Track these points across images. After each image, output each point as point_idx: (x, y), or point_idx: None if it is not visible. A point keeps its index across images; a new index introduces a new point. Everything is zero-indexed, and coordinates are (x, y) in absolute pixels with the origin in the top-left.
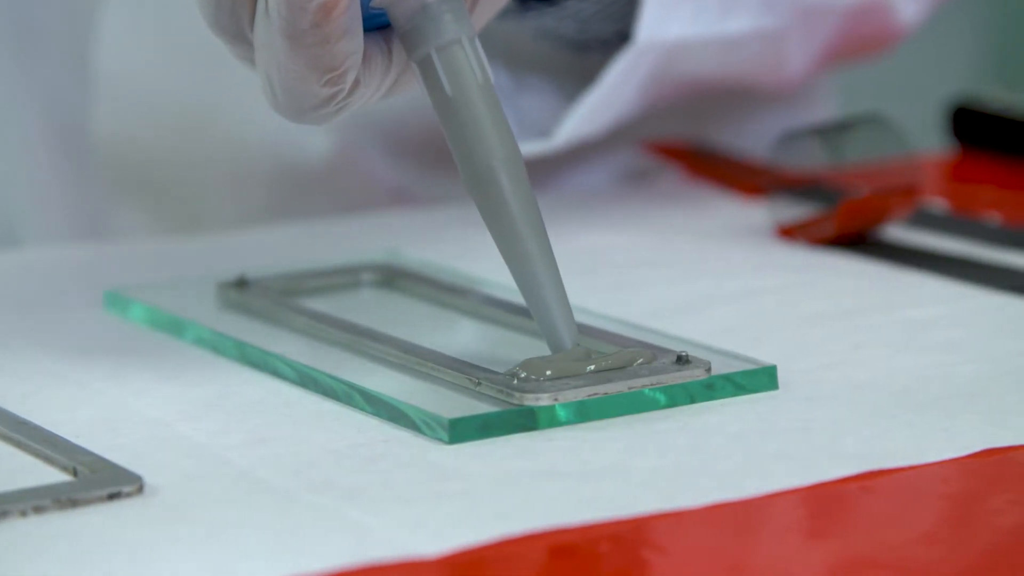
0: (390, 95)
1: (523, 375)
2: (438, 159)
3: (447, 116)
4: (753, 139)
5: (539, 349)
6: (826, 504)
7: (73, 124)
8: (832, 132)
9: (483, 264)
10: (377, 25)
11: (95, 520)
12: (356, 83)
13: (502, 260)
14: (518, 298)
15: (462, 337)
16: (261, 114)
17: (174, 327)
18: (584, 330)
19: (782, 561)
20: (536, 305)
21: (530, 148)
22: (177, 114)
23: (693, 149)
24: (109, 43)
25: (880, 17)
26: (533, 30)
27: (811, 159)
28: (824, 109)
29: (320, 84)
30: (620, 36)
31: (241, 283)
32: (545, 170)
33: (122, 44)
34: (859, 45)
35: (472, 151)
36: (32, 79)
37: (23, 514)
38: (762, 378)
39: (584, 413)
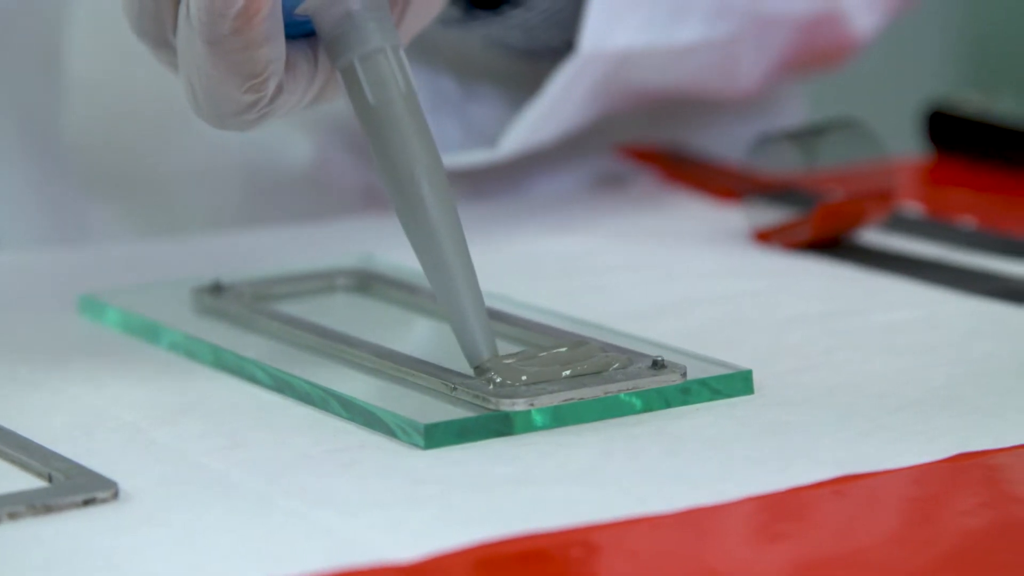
0: (316, 103)
1: (499, 380)
2: None
3: (370, 125)
4: (728, 143)
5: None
6: (799, 508)
7: (45, 127)
8: (807, 136)
9: None
10: (303, 32)
11: (70, 526)
12: (279, 90)
13: (478, 264)
14: (489, 301)
15: (437, 342)
16: None
17: (149, 332)
18: (557, 333)
19: (755, 565)
20: (454, 316)
21: (476, 157)
22: (150, 117)
23: (668, 153)
24: (79, 45)
25: (835, 28)
26: (481, 39)
27: (786, 163)
28: (798, 113)
29: (241, 90)
30: (569, 45)
31: (216, 288)
32: (520, 174)
33: (92, 46)
34: (815, 56)
35: (394, 160)
36: (2, 84)
37: None
38: (738, 382)
39: (560, 418)
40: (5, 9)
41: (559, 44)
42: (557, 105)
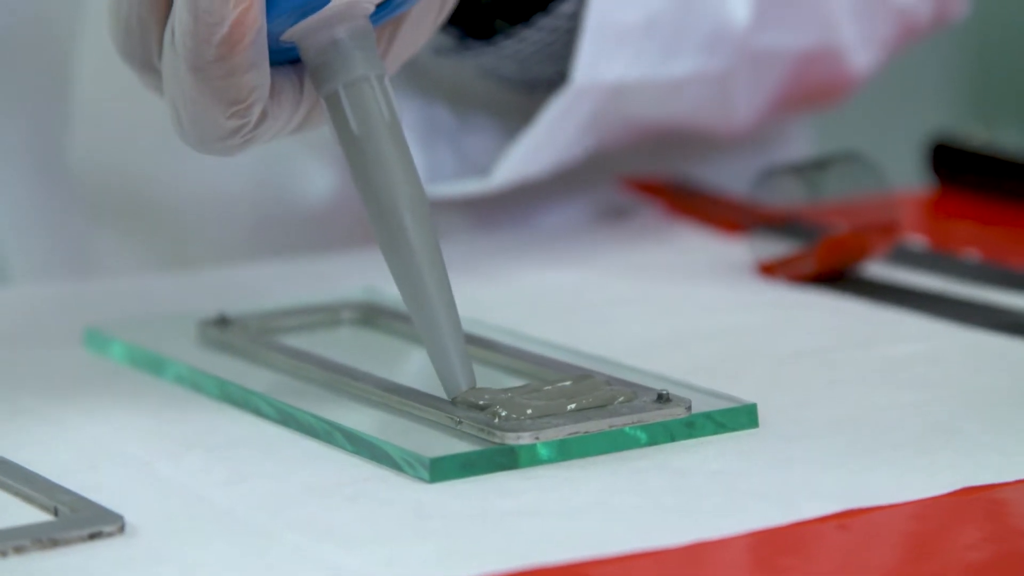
0: (302, 129)
1: (504, 414)
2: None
3: (353, 153)
4: (733, 176)
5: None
6: (803, 542)
7: (52, 153)
8: (811, 169)
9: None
10: (289, 58)
11: (76, 560)
12: (263, 116)
13: (479, 297)
14: (494, 335)
15: None
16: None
17: (154, 365)
18: (561, 367)
19: None
20: (433, 346)
21: (468, 187)
22: (159, 144)
23: (672, 186)
24: (89, 71)
25: (831, 65)
26: (476, 69)
27: (790, 196)
28: (803, 146)
29: (226, 116)
30: (563, 76)
31: (221, 321)
32: (524, 206)
33: (102, 72)
34: (812, 92)
35: (376, 189)
36: (10, 108)
37: (3, 554)
38: (742, 416)
39: (565, 452)
40: (15, 35)
41: (553, 76)
42: (550, 136)
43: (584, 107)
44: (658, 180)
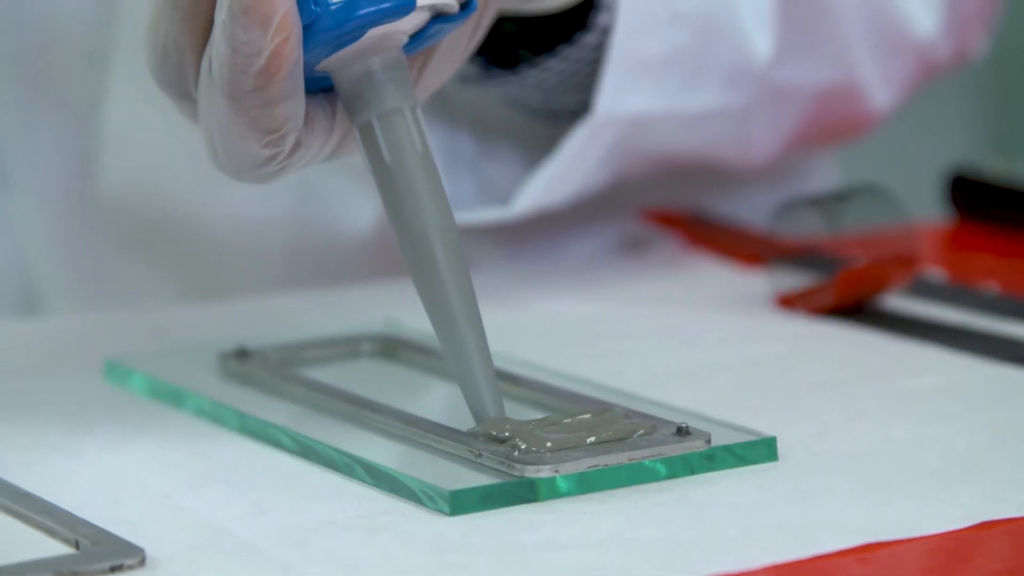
0: (334, 157)
1: (523, 446)
2: None
3: (385, 183)
4: (752, 208)
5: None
6: None
7: (83, 182)
8: (830, 202)
9: None
10: (322, 87)
11: None
12: (297, 144)
13: (499, 329)
14: (514, 367)
15: (462, 408)
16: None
17: (174, 397)
18: (581, 400)
19: None
20: (462, 374)
21: (489, 215)
22: (189, 173)
23: (692, 218)
24: (119, 99)
25: (851, 101)
26: (499, 98)
27: (810, 229)
28: (825, 179)
29: (260, 145)
30: (585, 107)
31: (241, 353)
32: (544, 237)
33: (133, 99)
34: (830, 128)
35: (407, 219)
36: (41, 136)
37: None
38: (762, 449)
39: (585, 484)
40: (46, 64)
41: (575, 106)
42: (571, 166)
43: (605, 138)
44: (677, 212)
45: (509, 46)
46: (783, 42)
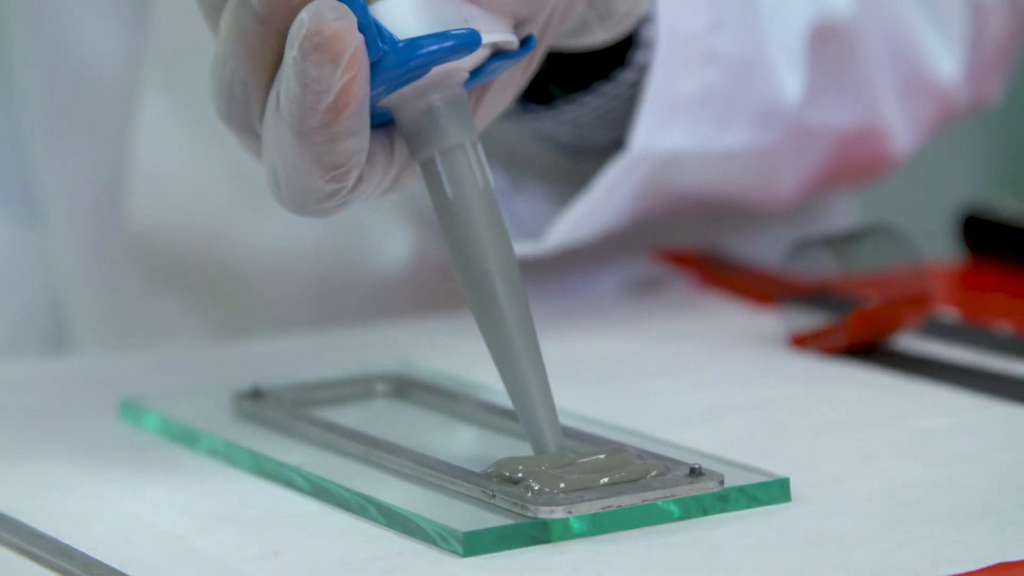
0: (391, 191)
1: (537, 487)
2: None
3: (446, 218)
4: (766, 248)
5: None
6: None
7: (113, 218)
8: (843, 242)
9: (493, 372)
10: (381, 122)
11: None
12: (359, 179)
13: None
14: None
15: (476, 448)
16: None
17: (188, 437)
18: (594, 440)
19: None
20: (523, 408)
21: (521, 249)
22: (219, 208)
23: (705, 257)
24: (149, 134)
25: (874, 143)
26: (531, 133)
27: (822, 269)
28: (844, 220)
29: (324, 180)
30: (615, 143)
31: (255, 393)
32: (555, 277)
33: (162, 135)
34: (852, 170)
35: (469, 254)
36: (71, 172)
37: None
38: (775, 490)
39: (598, 525)
40: (76, 99)
41: (606, 142)
42: (602, 202)
43: (638, 174)
44: (690, 251)
45: (542, 82)
46: (812, 84)
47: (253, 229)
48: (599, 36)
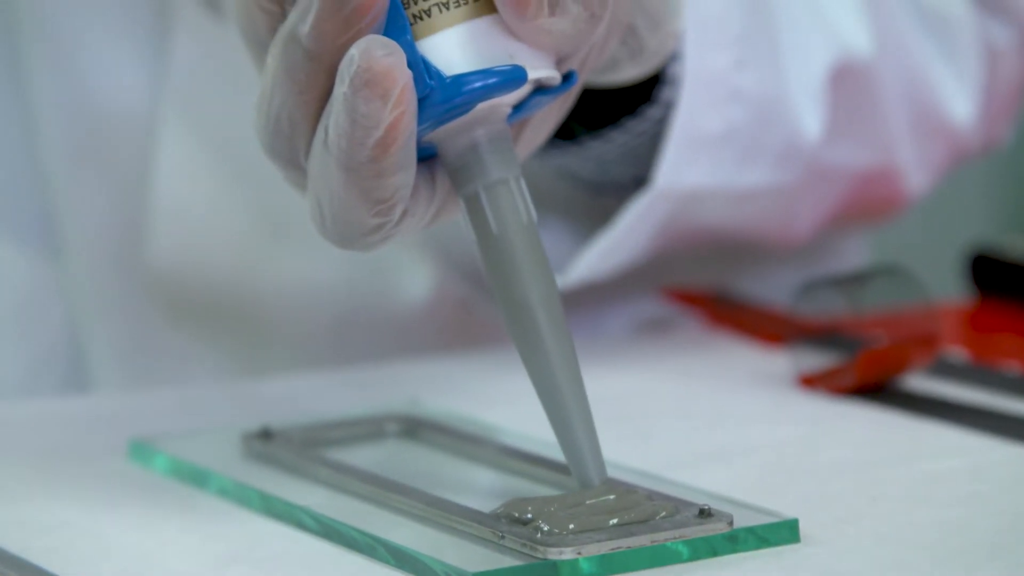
0: (432, 224)
1: (546, 528)
2: None
3: (490, 252)
4: (775, 288)
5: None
6: None
7: (133, 253)
8: (851, 282)
9: (503, 412)
10: (423, 156)
11: None
12: (404, 213)
13: (524, 408)
14: (541, 448)
15: (485, 489)
16: (327, 250)
17: (198, 478)
18: (604, 480)
19: None
20: (566, 441)
21: None
22: (239, 243)
23: (714, 297)
24: (168, 172)
25: (889, 183)
26: (553, 169)
27: (831, 309)
28: (854, 260)
29: (370, 214)
30: (637, 181)
31: (265, 434)
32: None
33: (181, 173)
34: (865, 209)
35: (512, 288)
36: (93, 206)
37: None
38: (784, 531)
39: (607, 566)
40: (95, 133)
41: (628, 179)
42: (624, 238)
43: (660, 211)
44: (699, 291)
45: (569, 117)
46: (831, 124)
47: (273, 265)
48: (629, 72)
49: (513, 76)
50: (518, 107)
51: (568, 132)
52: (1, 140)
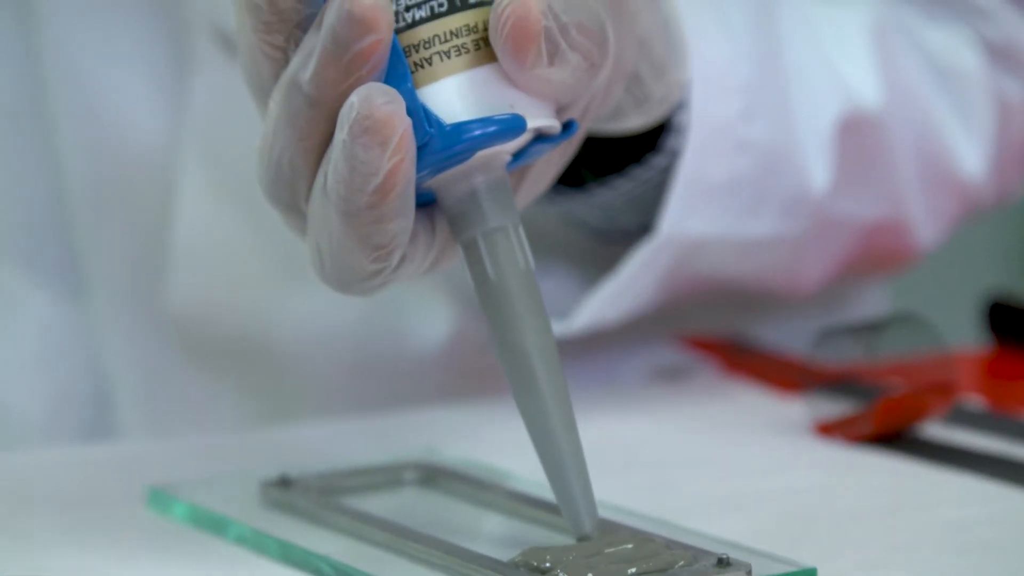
0: (432, 269)
1: None
2: None
3: (487, 299)
4: (792, 335)
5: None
6: None
7: (152, 296)
8: (868, 330)
9: (520, 460)
10: (422, 202)
11: None
12: (402, 259)
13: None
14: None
15: (504, 537)
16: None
17: (217, 525)
18: (623, 529)
19: None
20: (559, 488)
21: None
22: (258, 288)
23: (730, 344)
24: (188, 212)
25: (898, 235)
26: (560, 216)
27: (848, 356)
28: (873, 308)
29: (369, 260)
30: (642, 228)
31: (283, 481)
32: (580, 362)
33: (201, 213)
34: (874, 261)
35: (508, 335)
36: (115, 248)
37: None
38: None
39: None
40: (116, 178)
41: (635, 226)
42: (628, 286)
43: (664, 259)
44: (715, 338)
45: (575, 164)
46: (839, 175)
47: (292, 306)
48: (634, 121)
49: (512, 125)
50: (518, 155)
51: (576, 178)
52: (26, 180)
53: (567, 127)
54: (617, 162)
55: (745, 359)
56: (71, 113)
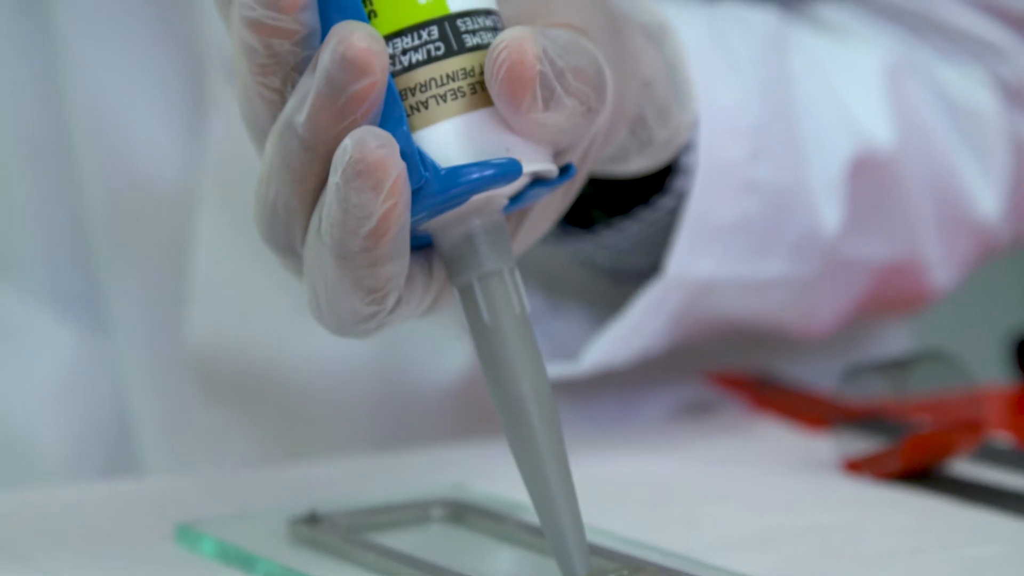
0: (429, 312)
1: None
2: None
3: (482, 342)
4: (819, 372)
5: None
6: None
7: (172, 331)
8: (896, 367)
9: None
10: (419, 245)
11: None
12: (398, 301)
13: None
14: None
15: (532, 574)
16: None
17: (245, 562)
18: (648, 566)
19: None
20: (551, 531)
21: (557, 371)
22: (276, 324)
23: (757, 381)
24: (206, 248)
25: (913, 277)
26: (570, 256)
27: (876, 393)
28: (897, 346)
29: (364, 303)
30: (654, 268)
31: (312, 518)
32: (607, 400)
33: (219, 252)
34: (889, 302)
35: (503, 377)
36: (135, 283)
37: None
38: None
39: None
40: (135, 214)
41: (645, 267)
42: (637, 326)
43: (673, 300)
44: (742, 375)
45: (584, 206)
46: (851, 216)
47: (311, 342)
48: (639, 164)
49: (508, 169)
50: (515, 198)
51: (584, 220)
52: (48, 215)
53: (565, 171)
54: (627, 203)
55: (772, 395)
56: (91, 148)
